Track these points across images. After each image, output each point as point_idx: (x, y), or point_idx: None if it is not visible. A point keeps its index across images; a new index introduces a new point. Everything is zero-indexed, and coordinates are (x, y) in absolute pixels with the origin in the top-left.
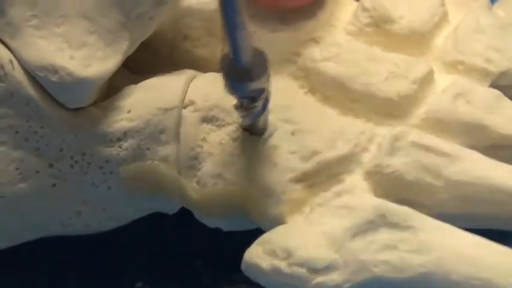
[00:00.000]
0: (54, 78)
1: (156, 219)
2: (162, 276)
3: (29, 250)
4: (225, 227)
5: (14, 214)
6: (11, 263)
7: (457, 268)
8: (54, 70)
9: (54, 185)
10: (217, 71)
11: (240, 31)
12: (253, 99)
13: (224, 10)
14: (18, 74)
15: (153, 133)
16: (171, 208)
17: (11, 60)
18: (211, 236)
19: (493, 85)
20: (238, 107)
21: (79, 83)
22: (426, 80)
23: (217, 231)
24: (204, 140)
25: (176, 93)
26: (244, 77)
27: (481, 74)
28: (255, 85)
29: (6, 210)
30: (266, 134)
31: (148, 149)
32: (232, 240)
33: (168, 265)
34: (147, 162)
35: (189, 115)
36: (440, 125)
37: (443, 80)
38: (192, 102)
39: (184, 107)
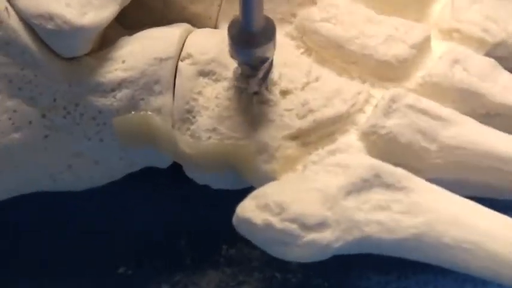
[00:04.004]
0: (50, 26)
1: (139, 199)
2: (145, 258)
3: None
4: (215, 184)
5: (6, 166)
6: None
7: (449, 231)
8: (50, 18)
9: (46, 136)
10: (213, 28)
11: None
12: (256, 66)
13: None
14: (14, 22)
15: (147, 83)
16: (163, 162)
17: (6, 8)
18: (195, 216)
19: (488, 56)
20: (241, 74)
21: (75, 32)
22: (424, 46)
23: (201, 211)
24: (199, 93)
25: (172, 43)
26: (252, 42)
27: (477, 43)
28: (260, 52)
29: None
30: (263, 90)
31: (142, 99)
32: (217, 220)
33: (151, 245)
34: (141, 113)
35: (186, 68)
36: (436, 90)
37: (439, 47)
38: (189, 55)
39: (181, 60)
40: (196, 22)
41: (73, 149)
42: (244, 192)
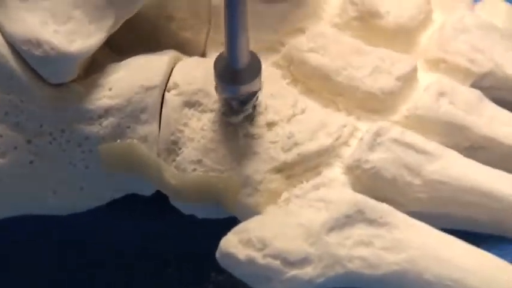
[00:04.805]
0: (37, 52)
1: (126, 226)
2: (134, 284)
3: None
4: (200, 215)
5: None
6: None
7: (431, 267)
8: (38, 44)
9: (31, 162)
10: (201, 55)
11: (242, 32)
12: (242, 102)
13: (228, 11)
14: (2, 48)
15: (134, 111)
16: (148, 190)
17: None
18: (183, 242)
19: (475, 86)
20: (227, 109)
21: (62, 58)
22: (410, 77)
23: (190, 237)
24: (185, 124)
25: (159, 72)
26: (238, 79)
27: (463, 73)
28: (246, 88)
29: None
30: (248, 122)
31: (128, 127)
32: (206, 246)
33: (139, 272)
34: (127, 141)
35: (172, 98)
36: (422, 123)
37: (425, 78)
38: (175, 85)
39: (168, 90)
40: (185, 48)
41: (58, 175)
42: (233, 219)
